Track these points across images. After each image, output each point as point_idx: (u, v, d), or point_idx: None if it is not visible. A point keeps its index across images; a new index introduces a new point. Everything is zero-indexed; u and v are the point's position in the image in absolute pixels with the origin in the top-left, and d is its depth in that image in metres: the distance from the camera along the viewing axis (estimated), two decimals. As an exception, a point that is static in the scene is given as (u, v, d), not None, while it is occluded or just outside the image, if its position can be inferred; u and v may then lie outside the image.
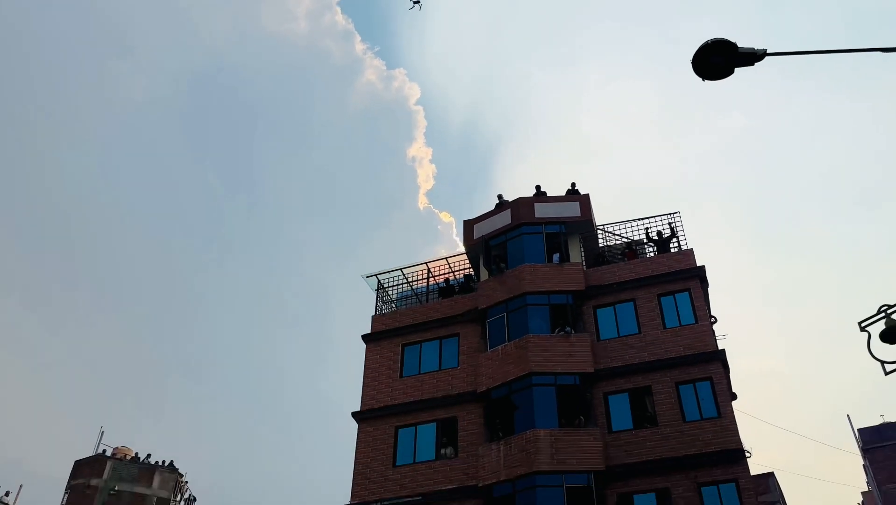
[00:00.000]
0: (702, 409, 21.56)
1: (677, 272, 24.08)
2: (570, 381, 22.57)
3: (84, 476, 43.27)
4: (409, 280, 28.52)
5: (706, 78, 7.07)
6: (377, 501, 22.74)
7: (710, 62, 6.92)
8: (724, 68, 6.96)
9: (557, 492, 20.69)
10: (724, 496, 20.07)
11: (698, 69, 6.98)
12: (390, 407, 24.54)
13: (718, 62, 6.90)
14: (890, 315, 11.40)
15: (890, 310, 11.47)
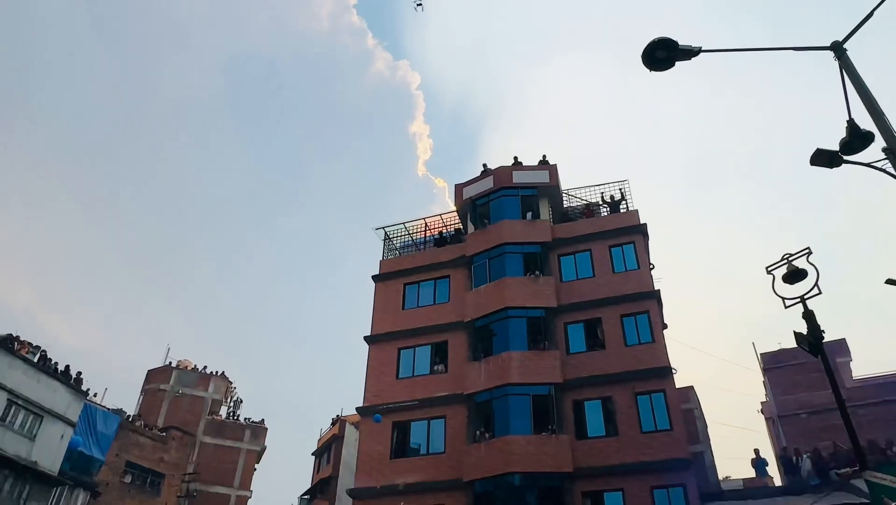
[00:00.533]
0: (640, 335, 21.84)
1: (625, 228, 24.05)
2: (538, 313, 22.70)
3: (154, 382, 43.55)
4: (410, 232, 28.43)
5: (653, 69, 6.80)
6: (383, 405, 22.83)
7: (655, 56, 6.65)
8: (667, 61, 6.68)
9: (525, 399, 21.07)
10: (654, 403, 20.48)
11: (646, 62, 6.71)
12: (394, 333, 24.64)
13: (663, 56, 6.62)
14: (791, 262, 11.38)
15: (791, 258, 11.47)
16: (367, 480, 21.69)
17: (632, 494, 18.98)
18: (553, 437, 20.06)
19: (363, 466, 22.12)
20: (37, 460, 23.93)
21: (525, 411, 20.73)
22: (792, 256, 11.29)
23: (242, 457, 41.26)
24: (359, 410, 23.66)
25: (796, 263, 11.08)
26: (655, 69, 6.82)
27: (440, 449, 21.52)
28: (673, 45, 6.60)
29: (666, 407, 20.03)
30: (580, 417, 20.90)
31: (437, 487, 20.65)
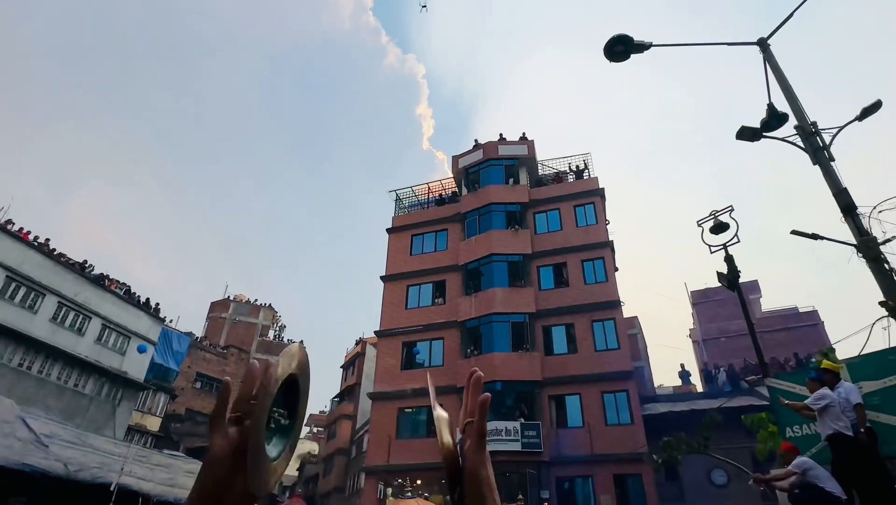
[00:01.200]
0: (596, 276, 21.85)
1: (586, 192, 23.85)
2: (517, 259, 22.69)
3: (216, 312, 43.88)
4: (416, 194, 28.13)
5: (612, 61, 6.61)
6: (395, 329, 23.08)
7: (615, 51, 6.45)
8: (624, 54, 6.48)
9: (505, 325, 21.26)
10: (606, 329, 20.72)
11: (607, 55, 6.52)
12: (404, 273, 24.74)
13: (620, 50, 6.43)
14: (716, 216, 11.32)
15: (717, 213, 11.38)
16: (383, 387, 22.18)
17: (587, 397, 19.46)
18: (527, 354, 20.42)
19: (380, 376, 22.57)
20: (126, 371, 24.34)
21: (505, 334, 21.04)
22: (717, 212, 11.26)
23: (287, 369, 42.05)
24: (376, 333, 23.97)
25: (721, 218, 11.06)
26: (615, 60, 6.63)
27: (439, 363, 21.93)
28: (629, 40, 6.41)
29: (615, 332, 20.32)
30: (548, 339, 21.21)
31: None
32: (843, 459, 5.81)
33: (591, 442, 18.35)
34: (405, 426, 21.26)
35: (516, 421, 18.75)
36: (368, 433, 23.07)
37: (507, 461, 18.40)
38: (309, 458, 45.23)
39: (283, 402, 0.79)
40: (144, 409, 26.32)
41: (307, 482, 44.79)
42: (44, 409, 19.64)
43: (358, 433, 34.16)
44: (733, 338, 30.16)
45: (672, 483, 19.55)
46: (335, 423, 38.01)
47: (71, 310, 22.39)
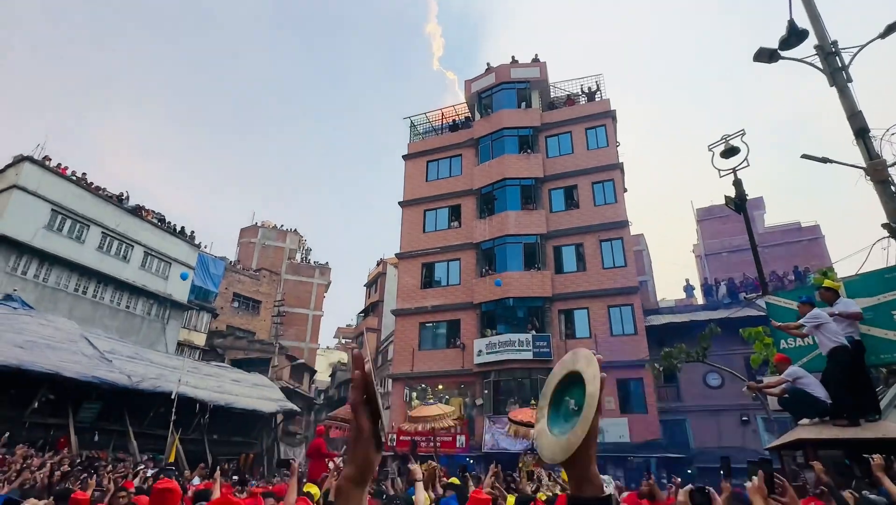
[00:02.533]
0: (605, 198, 21.69)
1: (598, 114, 23.06)
2: (529, 182, 22.49)
3: (246, 237, 44.60)
4: (430, 121, 27.39)
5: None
6: (414, 251, 23.46)
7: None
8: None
9: (518, 246, 21.48)
10: (614, 247, 20.86)
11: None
12: (421, 199, 24.71)
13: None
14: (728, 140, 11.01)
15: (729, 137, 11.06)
16: (404, 303, 22.94)
17: (594, 311, 19.99)
18: (539, 272, 20.79)
19: (402, 294, 23.27)
20: (171, 293, 25.42)
21: (518, 254, 21.31)
22: (729, 136, 10.92)
23: (314, 289, 43.32)
24: (397, 256, 24.41)
25: (732, 142, 10.75)
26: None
27: (456, 282, 22.46)
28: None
29: (623, 250, 20.45)
30: (559, 258, 21.45)
31: (455, 307, 21.86)
32: (833, 369, 6.09)
33: (597, 351, 19.01)
34: (426, 338, 22.22)
35: (528, 333, 19.48)
36: (393, 345, 24.19)
37: (519, 368, 19.37)
38: (339, 366, 47.80)
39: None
40: (190, 326, 27.72)
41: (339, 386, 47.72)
42: (102, 328, 20.85)
43: (382, 344, 35.80)
44: (735, 253, 30.21)
45: (670, 386, 20.54)
46: (361, 335, 39.75)
47: (114, 239, 23.05)
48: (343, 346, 60.25)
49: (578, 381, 0.93)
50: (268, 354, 30.74)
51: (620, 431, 17.73)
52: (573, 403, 0.94)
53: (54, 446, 13.12)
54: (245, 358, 30.12)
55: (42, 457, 10.08)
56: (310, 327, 42.18)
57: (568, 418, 0.93)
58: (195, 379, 18.75)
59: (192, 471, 12.47)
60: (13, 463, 8.81)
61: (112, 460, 12.66)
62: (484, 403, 19.57)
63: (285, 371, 31.35)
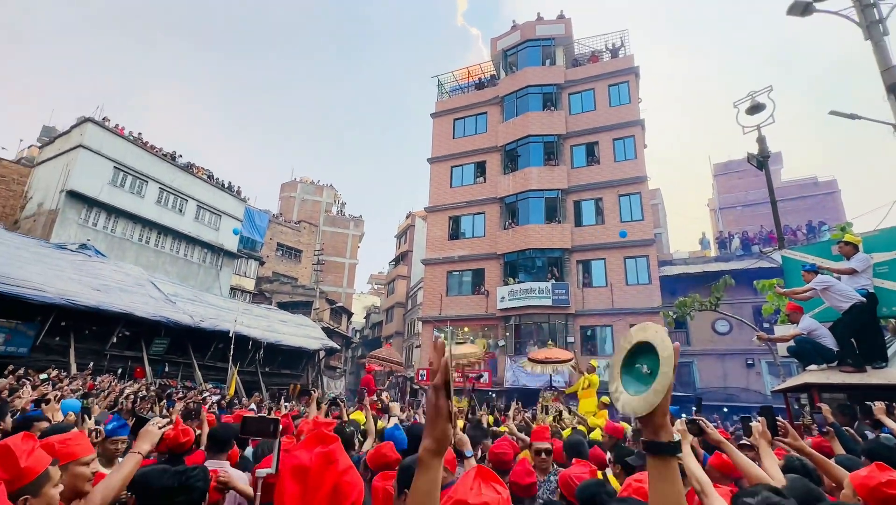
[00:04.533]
0: (626, 154, 20.94)
1: (621, 70, 21.94)
2: (552, 139, 21.86)
3: (286, 192, 45.11)
4: (457, 79, 26.53)
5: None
6: (442, 205, 23.39)
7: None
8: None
9: (540, 200, 21.17)
10: (632, 202, 20.35)
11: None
12: (448, 155, 24.37)
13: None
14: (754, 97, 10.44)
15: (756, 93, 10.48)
16: (433, 254, 23.14)
17: (610, 261, 19.82)
18: (559, 225, 20.57)
19: (430, 245, 23.44)
20: (222, 243, 26.20)
21: (540, 208, 21.07)
22: (756, 92, 10.29)
23: (350, 239, 43.95)
24: (426, 210, 24.44)
25: (758, 98, 10.14)
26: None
27: (482, 234, 22.43)
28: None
29: (640, 204, 19.97)
30: (578, 211, 21.11)
31: (480, 257, 21.95)
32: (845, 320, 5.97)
33: (612, 299, 19.08)
34: (453, 285, 22.53)
35: (548, 282, 19.54)
36: (422, 290, 24.67)
37: (539, 313, 19.57)
38: (372, 309, 49.11)
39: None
40: (240, 273, 28.68)
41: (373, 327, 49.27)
42: (164, 274, 21.79)
43: (412, 290, 36.51)
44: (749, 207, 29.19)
45: (680, 331, 20.53)
46: (393, 282, 40.53)
47: (170, 194, 23.62)
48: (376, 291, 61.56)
49: (648, 350, 0.98)
50: (310, 297, 31.75)
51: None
52: (646, 367, 0.99)
53: (132, 375, 14.11)
54: (290, 301, 31.22)
55: (123, 384, 10.87)
56: (346, 274, 43.19)
57: (642, 380, 0.98)
58: (248, 319, 19.63)
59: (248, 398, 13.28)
60: (101, 388, 9.54)
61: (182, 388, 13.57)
62: (506, 344, 19.99)
63: (325, 313, 32.44)
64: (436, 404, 0.89)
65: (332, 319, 33.62)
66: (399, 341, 37.03)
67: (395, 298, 39.13)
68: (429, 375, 0.95)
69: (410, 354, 32.29)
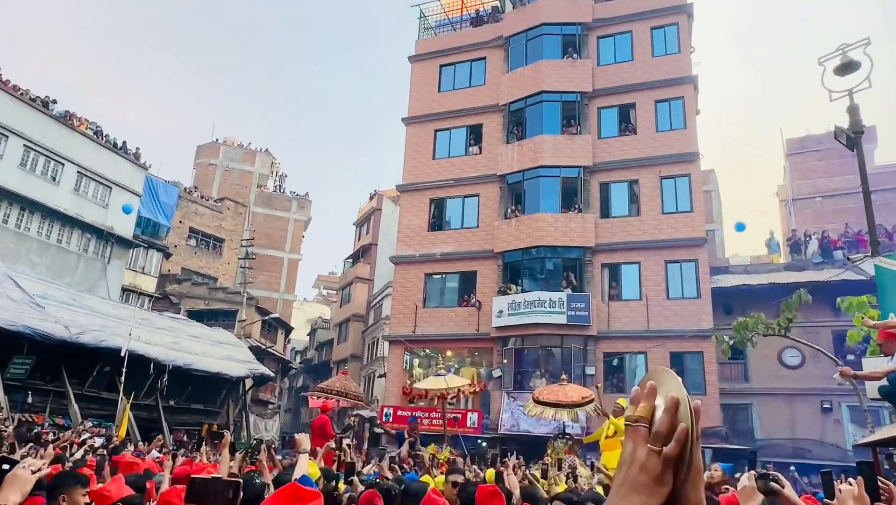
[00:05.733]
0: (672, 121, 21.37)
1: (669, 8, 22.17)
2: (573, 98, 22.16)
3: (204, 157, 44.60)
4: (445, 11, 26.46)
5: None
6: (421, 182, 23.43)
7: None
8: None
9: (555, 180, 21.44)
10: (678, 186, 20.73)
11: None
12: (431, 115, 24.38)
13: None
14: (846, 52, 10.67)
15: (847, 48, 10.71)
16: (406, 249, 23.14)
17: (647, 266, 20.11)
18: (579, 215, 20.76)
19: (403, 237, 23.43)
20: (112, 225, 25.76)
21: (554, 191, 21.22)
22: (847, 46, 10.51)
23: (291, 225, 43.69)
24: (399, 188, 24.41)
25: (851, 54, 10.36)
26: None
27: (473, 224, 22.52)
28: None
29: (689, 190, 20.27)
30: (606, 197, 21.36)
31: (471, 256, 22.01)
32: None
33: (648, 317, 19.37)
34: (433, 293, 22.57)
35: (562, 291, 19.73)
36: (390, 299, 24.64)
37: (549, 334, 19.75)
38: (320, 323, 48.91)
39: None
40: (137, 268, 28.24)
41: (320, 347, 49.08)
42: (29, 266, 21.32)
43: (376, 298, 36.42)
44: (831, 198, 29.88)
45: (736, 362, 20.96)
46: (349, 286, 40.41)
47: (40, 155, 23.10)
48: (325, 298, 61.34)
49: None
50: (234, 305, 31.47)
51: (671, 415, 18.31)
52: None
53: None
54: (206, 309, 30.90)
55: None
56: (285, 274, 42.93)
57: None
58: (147, 333, 19.34)
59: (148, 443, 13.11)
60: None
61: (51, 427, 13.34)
62: (503, 375, 20.13)
63: (255, 327, 32.20)
64: (659, 478, 0.78)
65: (264, 336, 33.38)
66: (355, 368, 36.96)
67: (352, 308, 39.02)
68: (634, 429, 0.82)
69: (371, 386, 32.28)
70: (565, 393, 11.44)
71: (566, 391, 11.53)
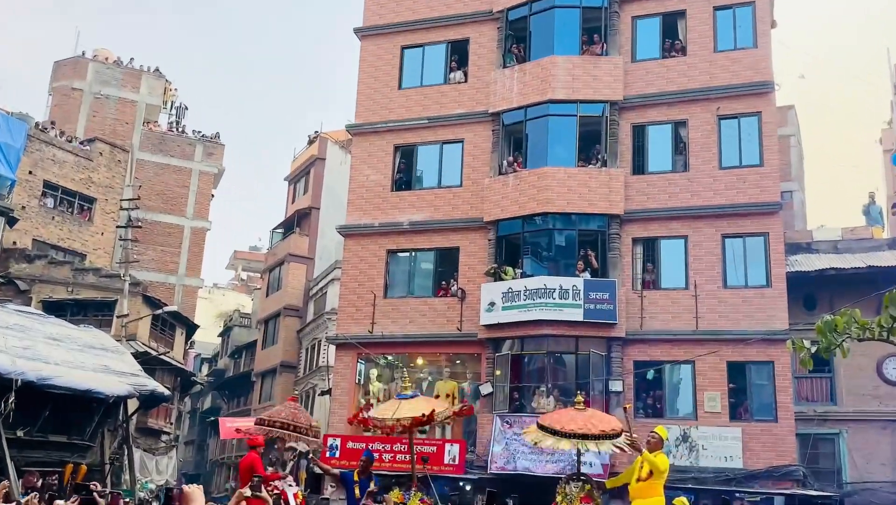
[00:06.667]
0: (737, 37, 21.35)
1: None
2: (597, 2, 21.98)
3: (65, 79, 43.65)
4: None
5: None
6: (381, 122, 23.30)
7: None
8: None
9: (570, 121, 21.50)
10: (742, 130, 20.79)
11: None
12: (396, 24, 24.19)
13: None
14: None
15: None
16: (361, 216, 23.09)
17: (697, 242, 20.29)
18: (602, 170, 20.83)
19: (356, 199, 23.37)
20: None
21: (569, 137, 21.23)
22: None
23: (195, 180, 43.08)
24: (350, 130, 24.33)
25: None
26: None
27: (456, 182, 22.51)
28: None
29: (759, 136, 20.39)
30: (640, 146, 21.42)
31: (451, 226, 22.06)
32: None
33: (697, 312, 19.57)
34: (398, 278, 22.67)
35: (578, 276, 19.87)
36: (338, 285, 24.63)
37: (559, 336, 19.93)
38: (237, 319, 48.84)
39: None
40: (-32, 239, 27.81)
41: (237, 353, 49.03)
42: None
43: (317, 284, 36.44)
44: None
45: (820, 374, 21.26)
46: (279, 267, 40.34)
47: None
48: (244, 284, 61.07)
49: None
50: (110, 293, 31.19)
51: (728, 448, 18.58)
52: None
53: None
54: (69, 299, 30.54)
55: None
56: (186, 249, 42.54)
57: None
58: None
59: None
60: None
61: None
62: (494, 392, 20.29)
63: (142, 325, 31.98)
64: None
65: (155, 338, 33.18)
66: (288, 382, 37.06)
67: (283, 298, 39.01)
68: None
69: (310, 405, 32.40)
70: (582, 421, 11.47)
71: (584, 419, 11.55)
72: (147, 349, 30.41)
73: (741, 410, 19.33)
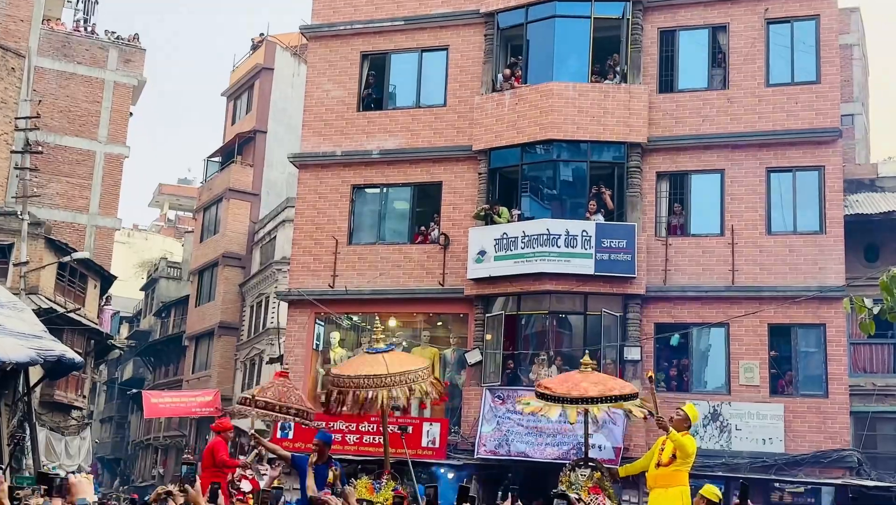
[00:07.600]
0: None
1: None
2: None
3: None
4: None
5: None
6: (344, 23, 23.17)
7: None
8: None
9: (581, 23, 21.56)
10: (795, 36, 20.72)
11: None
12: None
13: None
14: None
15: None
16: (319, 142, 23.09)
17: (736, 177, 20.47)
18: (621, 87, 20.89)
19: (313, 121, 23.36)
20: None
21: (581, 44, 21.30)
22: None
23: (108, 93, 42.42)
24: (305, 32, 24.23)
25: None
26: None
27: (439, 100, 22.60)
28: None
29: (816, 45, 20.38)
30: (669, 56, 21.48)
31: (432, 155, 22.15)
32: None
33: (733, 265, 19.78)
34: (366, 220, 22.82)
35: (589, 219, 20.04)
36: (290, 228, 24.61)
37: (566, 292, 20.11)
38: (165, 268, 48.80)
39: None
40: None
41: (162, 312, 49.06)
42: None
43: (264, 226, 36.40)
44: None
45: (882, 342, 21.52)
46: (216, 205, 40.22)
47: None
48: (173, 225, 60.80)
49: None
50: (5, 235, 31.06)
51: (767, 429, 18.89)
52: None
53: None
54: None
55: None
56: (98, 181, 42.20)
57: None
58: None
59: None
60: None
61: None
62: (484, 360, 20.54)
63: (46, 275, 31.91)
64: None
65: (62, 291, 33.13)
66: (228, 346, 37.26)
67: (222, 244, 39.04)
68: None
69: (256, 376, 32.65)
70: (590, 382, 11.53)
71: (591, 381, 11.62)
72: (52, 305, 30.37)
73: (784, 382, 19.56)
